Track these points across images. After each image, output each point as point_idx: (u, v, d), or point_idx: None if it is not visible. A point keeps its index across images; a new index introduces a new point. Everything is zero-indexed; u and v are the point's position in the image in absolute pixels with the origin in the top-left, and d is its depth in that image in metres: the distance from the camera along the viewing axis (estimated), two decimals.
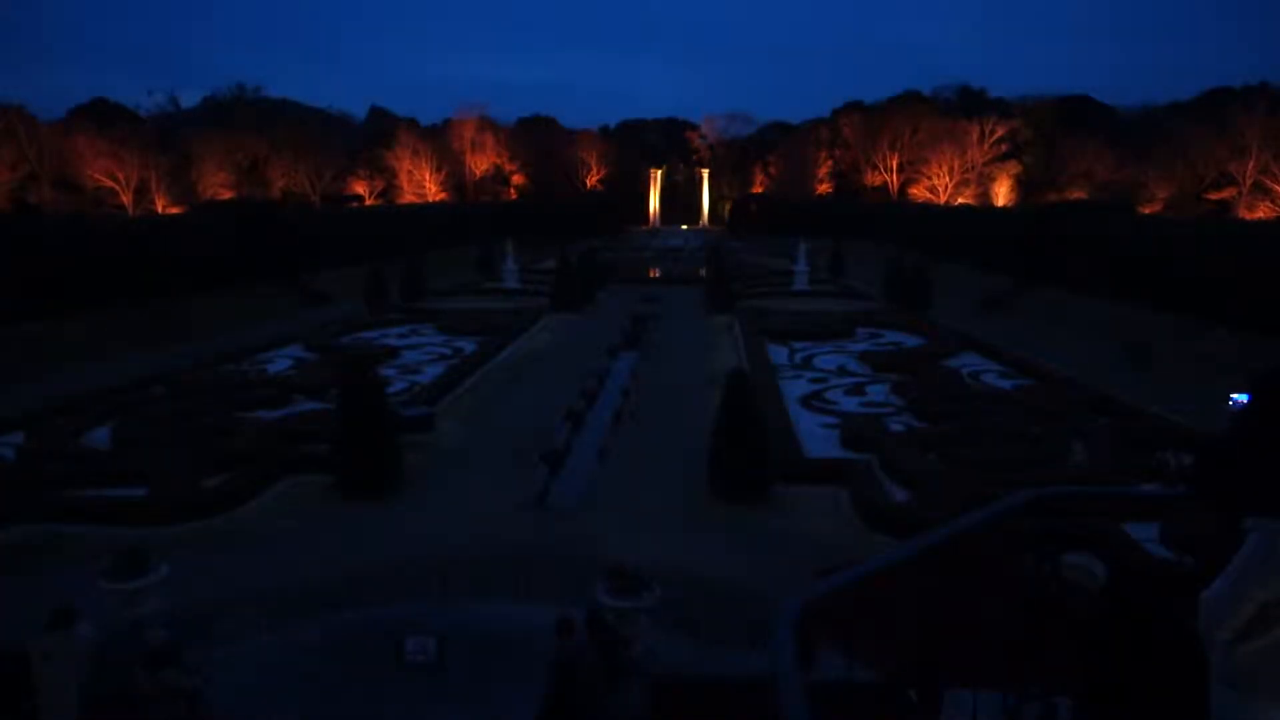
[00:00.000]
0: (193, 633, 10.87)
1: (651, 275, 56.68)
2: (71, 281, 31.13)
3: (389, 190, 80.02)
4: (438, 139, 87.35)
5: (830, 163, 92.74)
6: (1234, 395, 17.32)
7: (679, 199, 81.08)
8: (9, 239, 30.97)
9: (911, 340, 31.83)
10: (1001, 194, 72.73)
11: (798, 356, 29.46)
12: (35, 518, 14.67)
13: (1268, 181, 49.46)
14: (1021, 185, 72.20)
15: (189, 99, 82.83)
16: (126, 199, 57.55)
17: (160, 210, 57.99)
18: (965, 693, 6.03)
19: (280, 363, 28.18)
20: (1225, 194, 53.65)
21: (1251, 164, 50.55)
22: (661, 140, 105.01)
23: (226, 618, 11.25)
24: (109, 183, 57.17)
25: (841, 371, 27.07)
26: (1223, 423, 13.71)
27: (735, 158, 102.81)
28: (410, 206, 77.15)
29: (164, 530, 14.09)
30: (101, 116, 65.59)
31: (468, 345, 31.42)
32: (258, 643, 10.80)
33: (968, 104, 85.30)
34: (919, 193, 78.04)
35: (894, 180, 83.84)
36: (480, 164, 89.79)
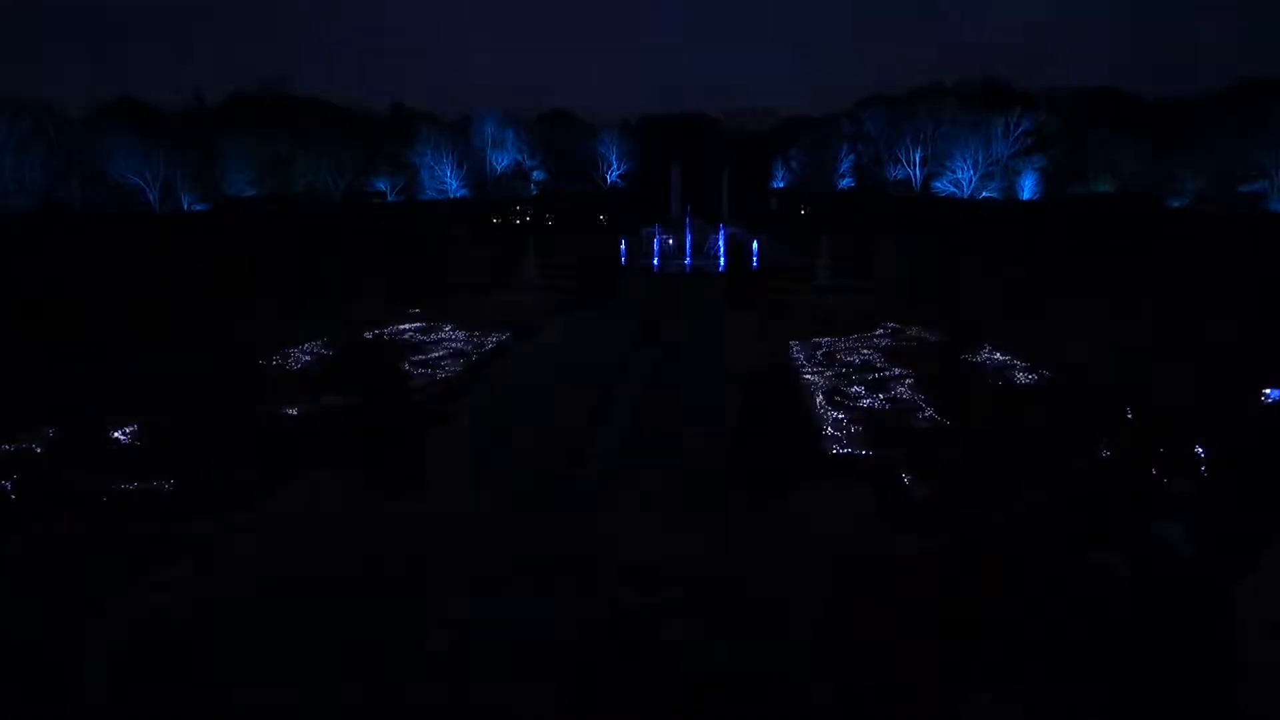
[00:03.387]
0: (217, 624, 10.99)
1: (672, 270, 56.58)
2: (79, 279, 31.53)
3: (410, 187, 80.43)
4: (458, 135, 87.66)
5: (852, 156, 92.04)
6: (1267, 390, 17.04)
7: (700, 193, 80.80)
8: None
9: (934, 335, 31.54)
10: (1027, 187, 71.85)
11: (819, 352, 29.28)
12: (63, 510, 14.88)
13: None
14: (1047, 179, 71.24)
15: (214, 96, 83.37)
16: (152, 196, 58.32)
17: (185, 208, 58.78)
18: (994, 688, 5.95)
19: (303, 357, 28.42)
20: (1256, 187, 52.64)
21: None
22: (682, 135, 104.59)
23: (250, 609, 11.35)
24: (136, 180, 57.94)
25: (863, 366, 26.87)
26: (1256, 418, 13.46)
27: (756, 151, 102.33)
28: (431, 203, 77.59)
29: (190, 523, 14.27)
30: (128, 114, 66.44)
31: (488, 340, 31.52)
32: (280, 634, 10.88)
33: (992, 96, 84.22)
34: (942, 187, 77.29)
35: (917, 174, 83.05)
36: (501, 159, 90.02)
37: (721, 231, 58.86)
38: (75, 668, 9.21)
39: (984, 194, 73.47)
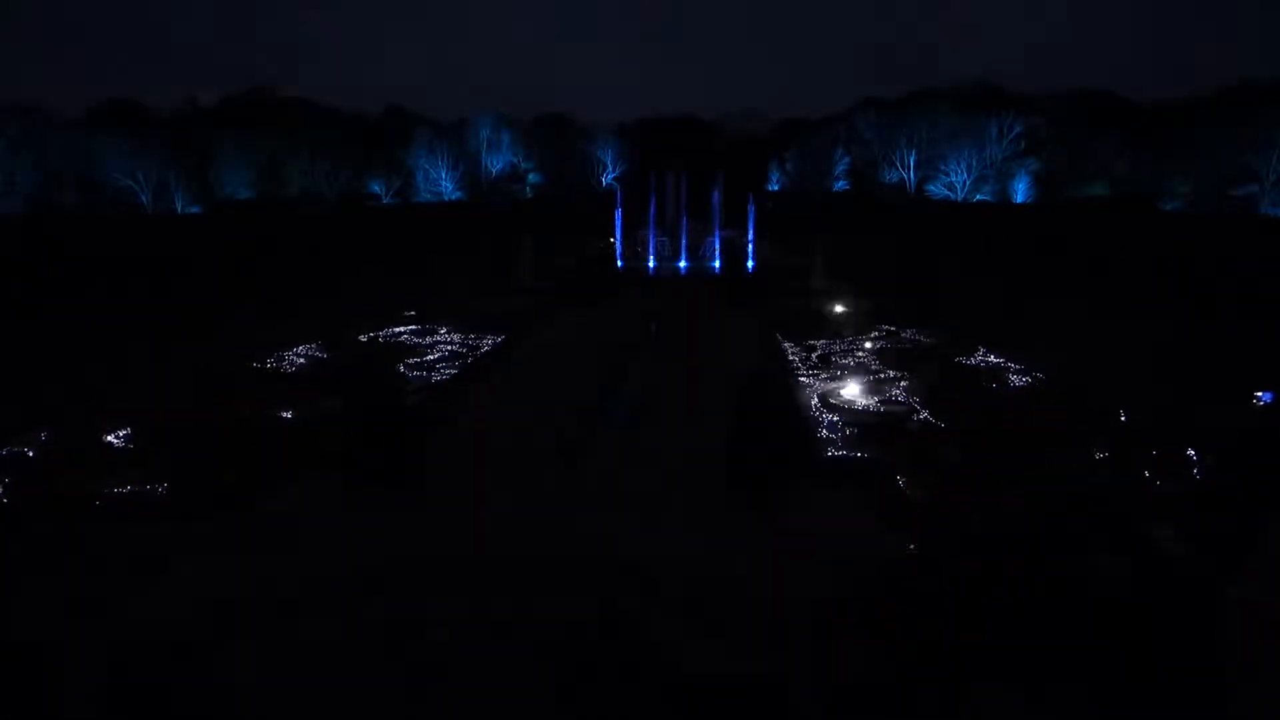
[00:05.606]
0: (214, 630, 10.93)
1: (668, 273, 56.60)
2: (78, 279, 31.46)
3: (405, 189, 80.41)
4: (454, 137, 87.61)
5: (848, 159, 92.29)
6: (1259, 393, 17.12)
7: (695, 196, 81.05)
8: None
9: (928, 338, 31.61)
10: (1020, 190, 72.07)
11: (814, 354, 29.31)
12: (55, 514, 14.80)
13: None
14: (1041, 182, 71.48)
15: (207, 99, 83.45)
16: (145, 199, 58.18)
17: (179, 210, 58.67)
18: (990, 687, 5.94)
19: (297, 360, 28.32)
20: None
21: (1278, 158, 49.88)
22: (678, 137, 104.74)
23: (246, 615, 11.30)
24: (129, 182, 57.81)
25: (858, 369, 26.90)
26: (1248, 421, 13.51)
27: (751, 155, 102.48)
28: (426, 205, 77.59)
29: (183, 527, 14.22)
30: (121, 117, 66.31)
31: (483, 342, 31.48)
32: (277, 635, 10.84)
33: (986, 100, 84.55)
34: (936, 190, 77.52)
35: (911, 177, 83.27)
36: (496, 162, 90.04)
37: (717, 234, 58.87)
38: (67, 671, 9.14)
39: (978, 197, 73.73)
